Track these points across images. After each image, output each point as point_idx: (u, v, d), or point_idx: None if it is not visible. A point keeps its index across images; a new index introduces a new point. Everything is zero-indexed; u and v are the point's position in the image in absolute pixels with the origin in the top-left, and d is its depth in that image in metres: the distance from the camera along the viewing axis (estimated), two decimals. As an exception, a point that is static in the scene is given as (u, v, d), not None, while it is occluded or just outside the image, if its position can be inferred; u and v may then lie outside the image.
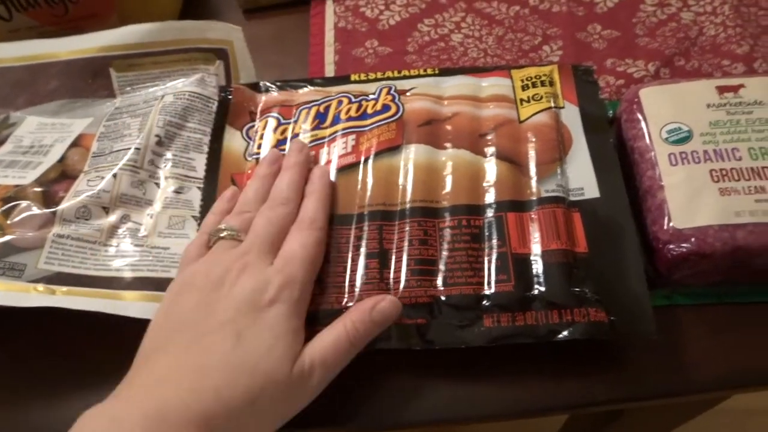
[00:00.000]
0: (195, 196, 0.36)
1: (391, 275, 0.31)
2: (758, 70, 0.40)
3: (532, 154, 0.34)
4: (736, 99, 0.33)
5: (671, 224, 0.31)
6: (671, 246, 0.30)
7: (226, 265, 0.29)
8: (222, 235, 0.31)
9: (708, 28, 0.43)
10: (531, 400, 0.31)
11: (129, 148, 0.36)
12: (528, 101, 0.36)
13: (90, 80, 0.41)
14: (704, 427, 0.67)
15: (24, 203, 0.33)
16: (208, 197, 0.34)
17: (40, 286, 0.31)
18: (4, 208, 0.33)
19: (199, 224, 0.34)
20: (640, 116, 0.34)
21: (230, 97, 0.38)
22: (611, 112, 0.38)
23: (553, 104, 0.35)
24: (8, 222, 0.33)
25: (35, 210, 0.33)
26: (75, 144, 0.38)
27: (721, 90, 0.34)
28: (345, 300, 0.30)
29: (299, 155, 0.34)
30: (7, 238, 0.32)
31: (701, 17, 0.44)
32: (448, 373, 0.31)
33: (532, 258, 0.30)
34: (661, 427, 0.64)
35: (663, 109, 0.34)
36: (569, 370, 0.31)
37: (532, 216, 0.31)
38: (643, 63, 0.42)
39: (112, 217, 0.34)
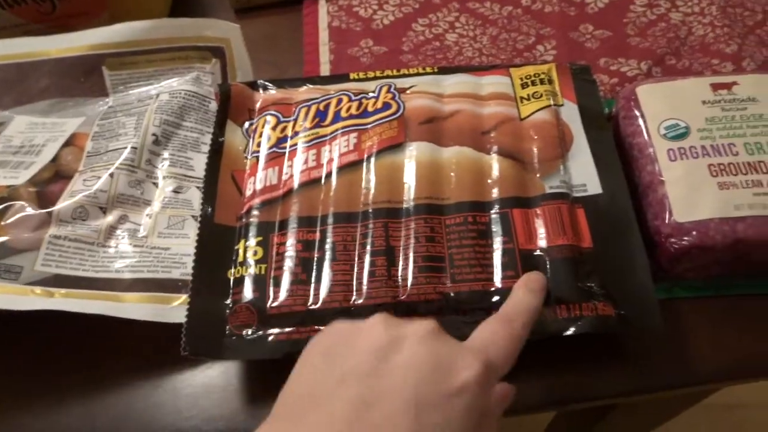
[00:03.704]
0: (194, 195, 0.35)
1: (399, 273, 0.31)
2: (747, 69, 0.41)
3: (534, 151, 0.34)
4: (730, 96, 0.34)
5: (673, 218, 0.31)
6: (673, 239, 0.31)
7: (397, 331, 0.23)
8: None
9: (696, 28, 0.44)
10: (532, 396, 0.31)
11: (125, 147, 0.35)
12: (528, 99, 0.36)
13: (82, 79, 0.40)
14: (687, 422, 0.69)
15: (18, 204, 0.32)
16: (209, 194, 0.34)
17: (38, 289, 0.30)
18: (-2, 209, 0.32)
19: (198, 223, 0.33)
20: (637, 113, 0.35)
21: (230, 93, 0.38)
22: (607, 109, 0.38)
23: (552, 102, 0.36)
24: (2, 223, 0.32)
25: (30, 210, 0.32)
26: (68, 143, 0.37)
27: (716, 87, 0.35)
28: (353, 298, 0.30)
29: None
30: (2, 239, 0.31)
31: (689, 17, 0.45)
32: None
33: (538, 254, 0.30)
34: (647, 425, 0.65)
35: (660, 106, 0.35)
36: (572, 364, 0.31)
37: (538, 212, 0.32)
38: (636, 62, 0.43)
39: (110, 218, 0.33)
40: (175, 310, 0.31)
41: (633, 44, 0.44)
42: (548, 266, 0.30)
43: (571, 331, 0.29)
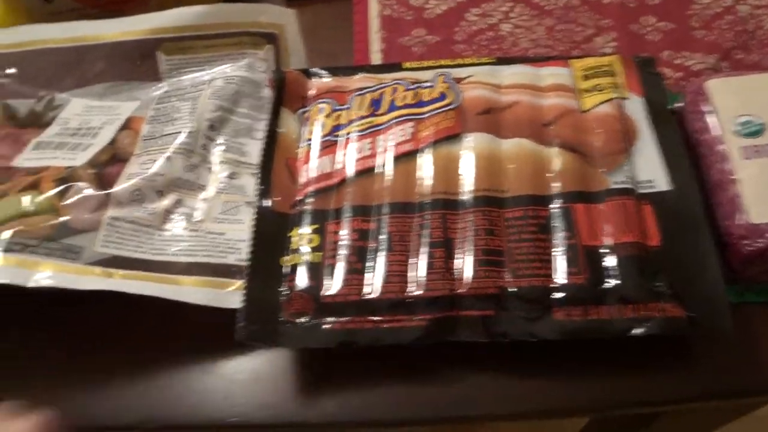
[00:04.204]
0: (248, 182, 0.35)
1: (457, 265, 0.30)
2: (821, 65, 0.39)
3: (597, 145, 0.33)
4: (809, 92, 0.32)
5: (746, 218, 0.30)
6: (746, 241, 0.30)
7: None
8: None
9: (766, 21, 0.42)
10: (592, 398, 0.30)
11: (181, 132, 0.35)
12: (590, 91, 0.35)
13: (137, 63, 0.40)
14: None
15: (78, 185, 0.33)
16: (265, 180, 0.34)
17: (98, 269, 0.30)
18: (57, 189, 0.33)
19: (255, 210, 0.33)
20: (706, 108, 0.34)
21: (285, 80, 0.37)
22: (670, 104, 0.37)
23: (616, 95, 0.34)
24: (62, 203, 0.32)
25: (89, 192, 0.32)
26: (125, 127, 0.37)
27: (793, 83, 0.33)
28: (409, 289, 0.30)
29: None
30: (63, 219, 0.31)
31: (758, 11, 0.43)
32: (493, 363, 0.31)
33: (603, 250, 0.29)
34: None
35: (732, 102, 0.33)
36: (633, 366, 0.30)
37: (602, 208, 0.31)
38: (702, 55, 0.41)
39: (166, 201, 0.33)
40: (229, 295, 0.31)
41: (698, 37, 0.42)
42: (614, 263, 0.29)
43: (637, 331, 0.28)
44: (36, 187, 0.33)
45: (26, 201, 0.32)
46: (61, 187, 0.33)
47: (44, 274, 0.29)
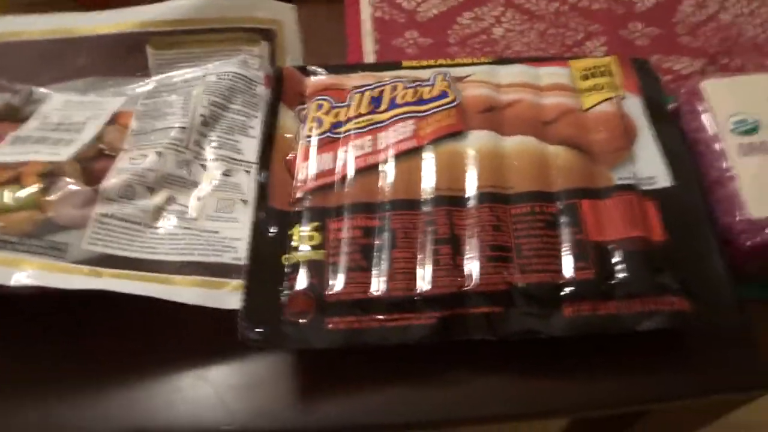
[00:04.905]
0: (243, 179, 0.34)
1: (465, 262, 0.29)
2: (802, 70, 0.41)
3: (599, 143, 0.33)
4: (800, 93, 0.33)
5: (746, 213, 0.30)
6: (746, 236, 0.30)
7: None
8: None
9: (747, 29, 0.44)
10: (600, 395, 0.30)
11: (173, 127, 0.34)
12: (590, 91, 0.35)
13: (123, 57, 0.38)
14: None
15: (63, 179, 0.31)
16: (263, 177, 0.32)
17: (86, 268, 0.28)
18: (41, 184, 0.31)
19: (254, 207, 0.32)
20: (702, 108, 0.34)
21: (282, 76, 0.36)
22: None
23: (615, 94, 0.35)
24: (46, 199, 0.30)
25: (76, 187, 0.31)
26: (112, 122, 0.35)
27: (784, 83, 0.34)
28: (417, 286, 0.29)
29: None
30: (47, 215, 0.29)
31: (739, 18, 0.44)
32: (495, 364, 0.30)
33: (611, 246, 0.29)
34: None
35: (727, 101, 0.34)
36: (636, 363, 0.30)
37: (608, 203, 0.31)
38: (689, 60, 0.42)
39: (158, 198, 0.32)
40: (226, 295, 0.29)
41: (684, 43, 0.43)
42: (621, 258, 0.29)
43: (645, 325, 0.28)
44: (17, 181, 0.31)
45: (6, 196, 0.30)
46: (46, 182, 0.31)
47: (27, 273, 0.27)
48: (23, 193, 0.30)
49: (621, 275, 0.28)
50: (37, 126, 0.36)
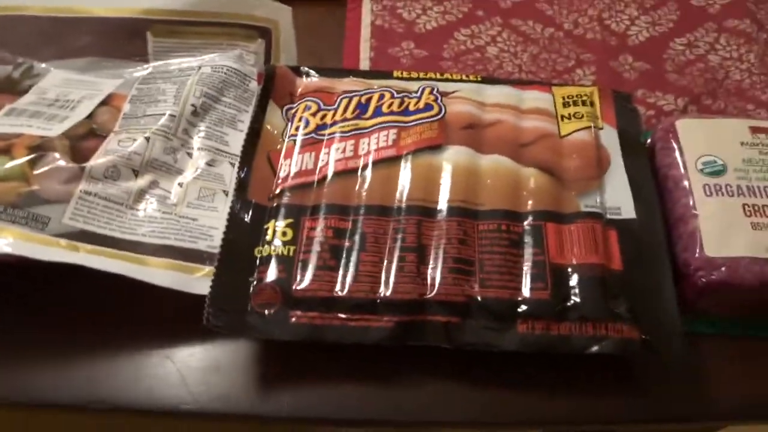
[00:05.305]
0: (226, 170, 0.35)
1: (429, 271, 0.30)
2: (780, 118, 0.42)
3: (572, 169, 0.34)
4: (769, 140, 0.35)
5: (704, 252, 0.31)
6: (702, 273, 0.31)
7: None
8: None
9: (734, 72, 0.45)
10: (541, 411, 0.31)
11: (164, 114, 0.35)
12: (569, 118, 0.36)
13: (124, 41, 0.39)
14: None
15: (52, 154, 0.32)
16: (245, 170, 0.34)
17: (64, 242, 0.29)
18: (30, 157, 0.32)
19: (231, 198, 0.33)
20: (675, 145, 0.35)
21: (275, 75, 0.38)
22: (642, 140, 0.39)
23: (593, 124, 0.36)
24: (34, 172, 0.31)
25: (63, 163, 0.32)
26: (105, 103, 0.36)
27: (755, 130, 0.35)
28: (380, 290, 0.30)
29: None
30: (32, 188, 0.30)
31: (727, 62, 0.46)
32: (452, 372, 0.31)
33: (569, 269, 0.30)
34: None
35: (699, 141, 0.35)
36: (587, 384, 0.31)
37: (571, 229, 0.32)
38: (673, 97, 0.43)
39: (141, 181, 0.33)
40: (197, 281, 0.30)
41: (671, 80, 0.44)
42: (578, 282, 0.30)
43: (594, 349, 0.29)
44: (7, 152, 0.32)
45: (-5, 165, 0.31)
46: (34, 155, 0.32)
47: (5, 241, 0.28)
48: (12, 164, 0.31)
49: (576, 299, 0.30)
50: (33, 100, 0.37)
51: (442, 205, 0.32)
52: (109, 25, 0.39)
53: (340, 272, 0.30)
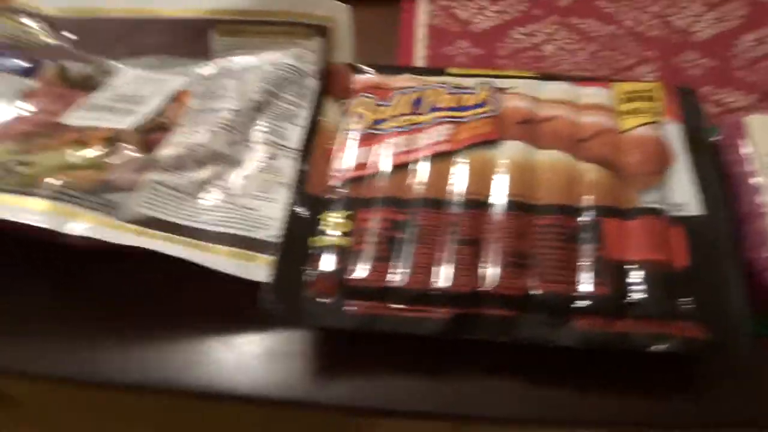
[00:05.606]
0: (285, 164, 0.36)
1: (484, 264, 0.30)
2: None
3: (632, 165, 0.33)
4: None
5: (774, 251, 0.30)
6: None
7: None
8: None
9: (807, 69, 0.43)
10: (591, 411, 0.30)
11: (226, 109, 0.36)
12: (630, 113, 0.36)
13: (190, 40, 0.41)
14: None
15: (124, 146, 0.34)
16: (304, 164, 0.35)
17: (132, 227, 0.31)
18: (105, 148, 0.34)
19: (293, 190, 0.34)
20: (743, 142, 0.34)
21: (332, 72, 0.38)
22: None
23: (655, 119, 0.35)
24: (108, 161, 0.33)
25: (135, 154, 0.33)
26: (173, 99, 0.38)
27: (831, 126, 0.33)
28: (436, 282, 0.30)
29: None
30: (107, 176, 0.32)
31: (800, 58, 0.44)
32: (507, 367, 0.31)
33: (630, 265, 0.30)
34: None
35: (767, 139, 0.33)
36: (638, 384, 0.30)
37: (631, 224, 0.31)
38: (742, 94, 0.42)
39: (205, 172, 0.34)
40: (256, 268, 0.31)
41: (738, 76, 0.43)
42: (639, 278, 0.29)
43: (657, 348, 0.28)
44: (84, 143, 0.34)
45: (74, 155, 0.33)
46: (108, 147, 0.34)
47: (81, 225, 0.30)
48: (90, 153, 0.33)
49: (637, 295, 0.29)
50: (108, 96, 0.39)
51: (498, 199, 0.32)
52: (176, 25, 0.41)
53: (395, 263, 0.31)
